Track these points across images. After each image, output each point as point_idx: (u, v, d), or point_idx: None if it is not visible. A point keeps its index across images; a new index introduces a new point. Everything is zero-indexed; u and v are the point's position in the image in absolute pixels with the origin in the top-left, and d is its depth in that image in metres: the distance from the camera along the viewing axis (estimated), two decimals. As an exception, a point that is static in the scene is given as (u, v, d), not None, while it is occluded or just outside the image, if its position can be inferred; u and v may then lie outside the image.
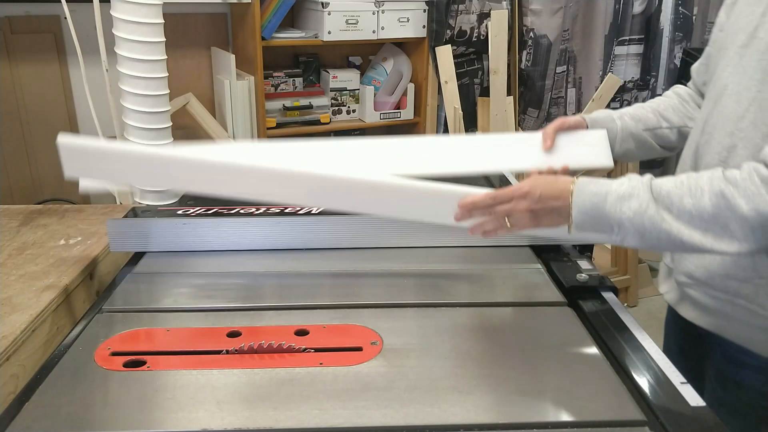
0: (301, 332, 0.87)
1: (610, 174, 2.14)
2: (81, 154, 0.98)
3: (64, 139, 0.96)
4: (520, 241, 1.15)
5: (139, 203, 1.43)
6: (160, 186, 1.05)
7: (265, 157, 1.05)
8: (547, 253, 1.11)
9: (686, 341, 1.14)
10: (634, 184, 0.87)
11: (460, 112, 2.68)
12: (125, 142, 1.10)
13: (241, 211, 1.21)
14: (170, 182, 1.05)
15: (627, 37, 3.11)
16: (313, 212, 1.20)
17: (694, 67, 1.16)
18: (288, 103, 2.54)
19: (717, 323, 1.02)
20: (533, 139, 1.16)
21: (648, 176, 0.89)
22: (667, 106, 1.18)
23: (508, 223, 0.94)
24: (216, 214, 1.19)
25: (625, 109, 1.19)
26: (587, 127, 1.17)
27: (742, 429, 1.03)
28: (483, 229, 0.96)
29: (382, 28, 2.56)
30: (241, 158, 1.00)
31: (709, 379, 1.08)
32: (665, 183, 0.86)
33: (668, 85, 3.20)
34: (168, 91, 1.72)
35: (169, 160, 1.00)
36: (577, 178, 0.92)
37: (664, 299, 1.14)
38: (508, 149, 1.16)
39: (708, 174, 0.84)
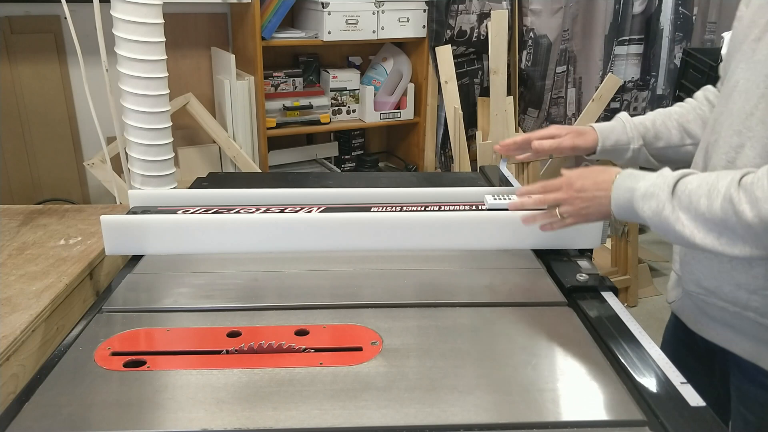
0: (301, 332, 0.87)
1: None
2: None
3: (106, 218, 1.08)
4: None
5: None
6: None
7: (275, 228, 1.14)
8: (547, 253, 1.11)
9: (689, 355, 1.08)
10: (658, 183, 0.86)
11: (460, 112, 2.68)
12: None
13: (241, 211, 1.21)
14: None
15: (627, 37, 3.11)
16: (313, 212, 1.20)
17: (721, 65, 1.07)
18: (288, 103, 2.54)
19: (725, 336, 0.98)
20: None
21: (677, 173, 0.86)
22: (695, 116, 1.11)
23: (558, 214, 0.98)
24: (216, 214, 1.19)
25: (648, 121, 1.13)
26: (595, 153, 1.14)
27: None
28: (535, 220, 1.03)
29: (382, 28, 2.55)
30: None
31: (731, 398, 1.02)
32: (691, 181, 0.83)
33: (668, 85, 3.20)
34: (168, 91, 1.72)
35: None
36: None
37: (671, 309, 1.10)
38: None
39: (731, 175, 0.81)
